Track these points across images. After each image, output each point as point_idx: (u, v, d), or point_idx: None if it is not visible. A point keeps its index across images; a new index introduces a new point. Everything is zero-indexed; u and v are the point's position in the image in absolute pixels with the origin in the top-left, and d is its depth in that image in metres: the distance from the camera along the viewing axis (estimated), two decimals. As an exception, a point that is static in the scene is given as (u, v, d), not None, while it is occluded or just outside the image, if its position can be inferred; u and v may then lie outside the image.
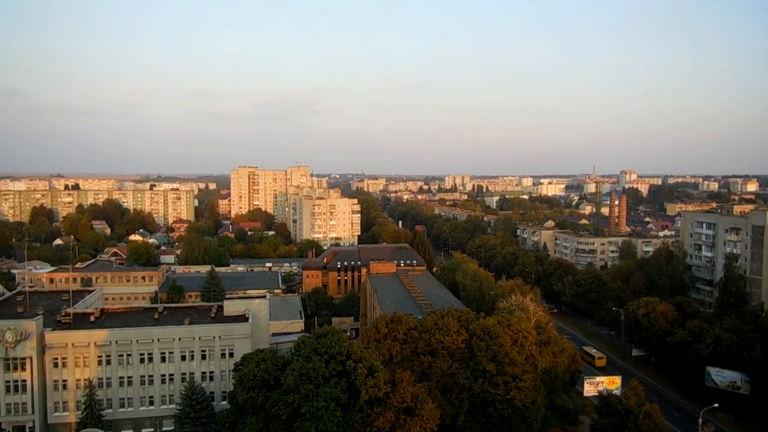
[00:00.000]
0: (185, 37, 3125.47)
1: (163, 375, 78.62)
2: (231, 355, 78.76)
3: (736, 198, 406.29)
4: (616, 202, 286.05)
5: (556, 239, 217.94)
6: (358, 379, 57.06)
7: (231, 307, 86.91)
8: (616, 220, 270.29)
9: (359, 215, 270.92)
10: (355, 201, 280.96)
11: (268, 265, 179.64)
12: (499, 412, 66.55)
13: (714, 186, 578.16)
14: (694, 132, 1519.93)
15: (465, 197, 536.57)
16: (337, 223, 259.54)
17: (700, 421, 72.48)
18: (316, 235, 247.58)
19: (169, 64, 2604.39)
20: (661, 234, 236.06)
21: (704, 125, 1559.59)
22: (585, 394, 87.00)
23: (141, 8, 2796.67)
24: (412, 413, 59.09)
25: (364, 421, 59.04)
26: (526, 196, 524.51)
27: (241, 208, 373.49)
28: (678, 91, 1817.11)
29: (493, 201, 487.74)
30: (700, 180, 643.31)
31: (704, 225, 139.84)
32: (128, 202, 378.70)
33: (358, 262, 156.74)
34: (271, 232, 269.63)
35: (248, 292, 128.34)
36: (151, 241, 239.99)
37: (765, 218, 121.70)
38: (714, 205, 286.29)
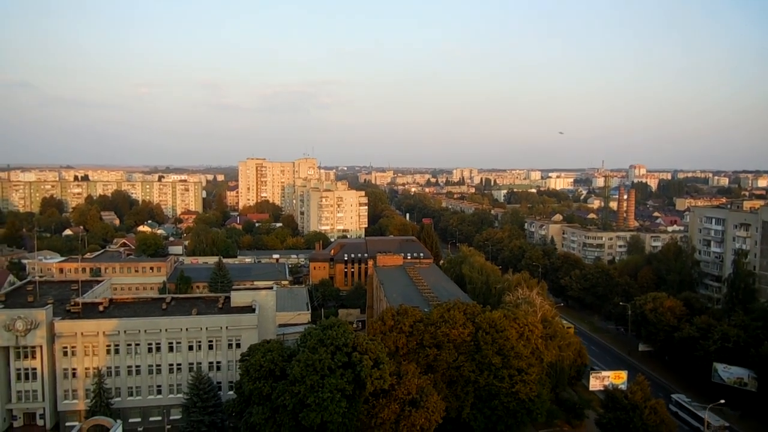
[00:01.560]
0: (192, 29, 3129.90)
1: (171, 364, 79.39)
2: (238, 345, 79.35)
3: (747, 193, 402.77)
4: (625, 197, 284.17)
5: (563, 233, 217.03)
6: (363, 370, 57.30)
7: (238, 298, 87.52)
8: (625, 215, 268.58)
9: (366, 207, 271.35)
10: (363, 193, 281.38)
11: (276, 256, 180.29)
12: (505, 405, 66.63)
13: (724, 181, 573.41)
14: (705, 127, 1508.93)
15: (473, 190, 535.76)
16: (344, 216, 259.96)
17: (706, 417, 72.49)
18: (324, 227, 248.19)
19: (176, 57, 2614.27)
20: (669, 229, 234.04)
21: (715, 120, 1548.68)
22: (591, 389, 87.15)
23: (148, 1, 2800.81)
24: (418, 405, 59.31)
25: (369, 413, 59.34)
26: (534, 190, 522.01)
27: (248, 199, 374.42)
28: (689, 86, 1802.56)
29: (500, 194, 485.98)
30: (710, 175, 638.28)
31: (713, 220, 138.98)
32: (137, 193, 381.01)
33: (365, 255, 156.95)
34: (278, 224, 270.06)
35: (255, 283, 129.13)
36: (159, 232, 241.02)
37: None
38: (724, 200, 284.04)
